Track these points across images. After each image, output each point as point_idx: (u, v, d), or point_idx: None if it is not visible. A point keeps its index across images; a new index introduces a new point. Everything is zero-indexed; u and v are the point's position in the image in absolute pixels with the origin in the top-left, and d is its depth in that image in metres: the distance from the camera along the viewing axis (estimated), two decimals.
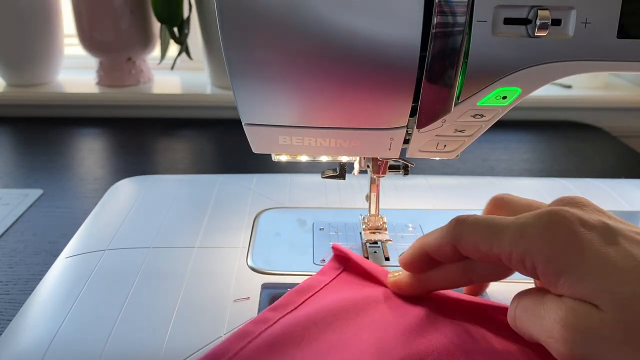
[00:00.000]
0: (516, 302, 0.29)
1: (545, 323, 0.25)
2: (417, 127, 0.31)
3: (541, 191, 0.54)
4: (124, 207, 0.49)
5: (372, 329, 0.32)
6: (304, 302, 0.35)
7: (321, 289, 0.36)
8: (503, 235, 0.27)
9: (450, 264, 0.32)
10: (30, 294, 0.39)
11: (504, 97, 0.30)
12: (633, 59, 0.27)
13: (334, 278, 0.38)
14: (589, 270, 0.24)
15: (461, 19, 0.26)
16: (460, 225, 0.29)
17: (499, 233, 0.27)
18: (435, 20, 0.26)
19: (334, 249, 0.40)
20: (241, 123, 0.32)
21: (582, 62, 0.28)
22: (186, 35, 0.87)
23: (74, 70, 1.01)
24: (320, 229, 0.45)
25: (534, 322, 0.26)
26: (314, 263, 0.41)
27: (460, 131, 0.32)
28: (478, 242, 0.28)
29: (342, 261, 0.39)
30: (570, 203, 0.28)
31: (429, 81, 0.28)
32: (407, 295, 0.34)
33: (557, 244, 0.25)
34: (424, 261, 0.32)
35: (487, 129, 0.32)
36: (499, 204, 0.33)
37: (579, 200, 0.28)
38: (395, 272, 0.35)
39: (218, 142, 0.83)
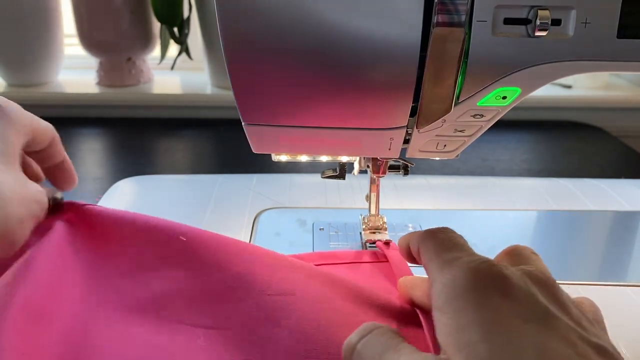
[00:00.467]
0: (361, 335, 0.25)
1: None
2: (417, 127, 0.31)
3: (541, 191, 0.54)
4: (124, 207, 0.49)
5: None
6: (319, 265, 0.36)
7: (345, 263, 0.37)
8: (438, 258, 0.26)
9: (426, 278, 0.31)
10: None
11: (504, 97, 0.29)
12: (633, 59, 0.27)
13: (367, 262, 0.38)
14: (467, 324, 0.22)
15: (461, 19, 0.26)
16: (436, 231, 0.29)
17: (438, 254, 0.26)
18: (435, 20, 0.26)
19: (378, 246, 0.40)
20: (241, 123, 0.32)
21: (582, 62, 0.28)
22: (186, 35, 0.87)
23: (74, 70, 1.01)
24: (320, 229, 0.45)
25: None
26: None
27: (460, 131, 0.32)
28: (426, 253, 0.28)
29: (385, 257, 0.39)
30: (533, 275, 0.24)
31: (429, 81, 0.28)
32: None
33: (460, 286, 0.23)
34: (405, 250, 0.32)
35: (487, 129, 0.32)
36: (510, 252, 0.30)
37: (542, 278, 0.24)
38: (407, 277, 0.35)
39: (218, 142, 0.83)
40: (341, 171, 0.42)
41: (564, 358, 0.20)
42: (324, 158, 0.39)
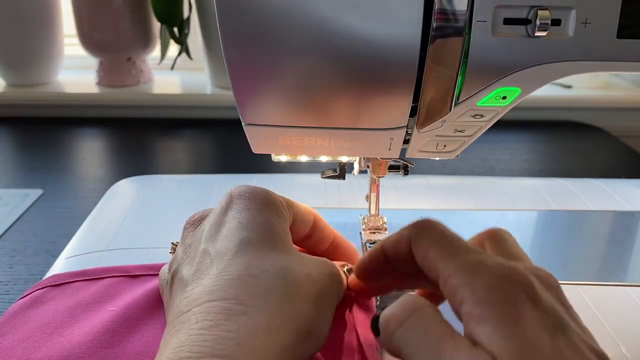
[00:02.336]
0: (408, 311, 0.25)
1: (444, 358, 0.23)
2: (417, 127, 0.31)
3: (541, 191, 0.54)
4: (124, 207, 0.49)
5: None
6: None
7: None
8: (456, 258, 0.25)
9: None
10: None
11: (504, 97, 0.30)
12: (633, 59, 0.27)
13: None
14: (514, 334, 0.22)
15: (461, 19, 0.26)
16: (426, 225, 0.28)
17: (454, 253, 0.26)
18: (435, 20, 0.26)
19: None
20: (241, 123, 0.32)
21: (582, 62, 0.28)
22: (186, 35, 0.87)
23: (74, 70, 1.01)
24: None
25: (425, 355, 0.23)
26: None
27: (460, 131, 0.32)
28: (430, 249, 0.26)
29: None
30: (544, 280, 0.26)
31: (429, 81, 0.28)
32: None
33: (498, 295, 0.23)
34: (379, 262, 0.30)
35: (487, 129, 0.32)
36: (492, 237, 0.30)
37: (551, 283, 0.26)
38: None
39: (218, 142, 0.83)
40: (341, 171, 0.42)
41: None
42: (324, 158, 0.39)
